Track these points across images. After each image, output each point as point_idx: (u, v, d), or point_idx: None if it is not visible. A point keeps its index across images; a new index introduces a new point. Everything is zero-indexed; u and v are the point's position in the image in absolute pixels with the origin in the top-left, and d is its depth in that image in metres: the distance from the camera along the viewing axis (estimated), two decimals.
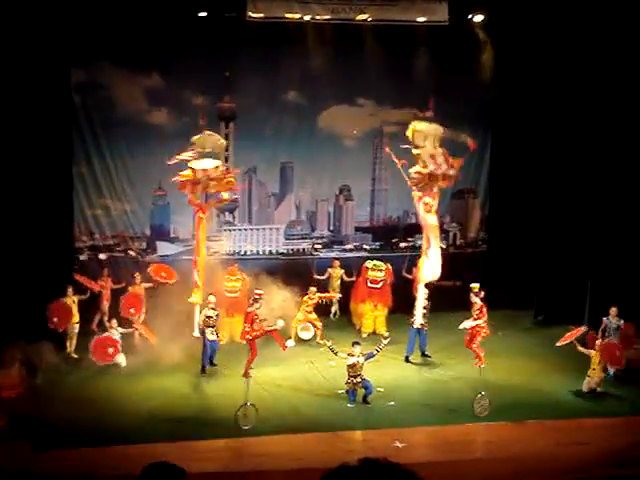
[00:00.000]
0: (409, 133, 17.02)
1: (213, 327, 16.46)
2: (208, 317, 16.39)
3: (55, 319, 16.65)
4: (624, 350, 15.81)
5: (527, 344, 18.46)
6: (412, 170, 17.25)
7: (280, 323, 15.70)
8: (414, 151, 17.33)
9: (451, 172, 17.15)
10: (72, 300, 17.09)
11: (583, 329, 16.01)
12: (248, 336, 15.38)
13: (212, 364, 16.62)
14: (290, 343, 16.41)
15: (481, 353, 15.52)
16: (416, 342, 17.24)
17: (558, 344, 15.87)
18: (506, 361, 17.11)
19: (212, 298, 16.61)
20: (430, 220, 17.52)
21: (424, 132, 17.08)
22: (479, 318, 15.96)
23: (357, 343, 15.08)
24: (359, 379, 14.69)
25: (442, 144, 17.13)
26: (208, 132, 17.06)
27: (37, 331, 16.12)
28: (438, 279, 17.36)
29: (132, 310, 17.59)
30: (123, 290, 18.35)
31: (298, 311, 18.10)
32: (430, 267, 17.38)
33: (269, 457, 12.66)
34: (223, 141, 17.62)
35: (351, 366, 14.69)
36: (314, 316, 18.35)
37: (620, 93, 17.89)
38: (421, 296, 17.12)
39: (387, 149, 17.84)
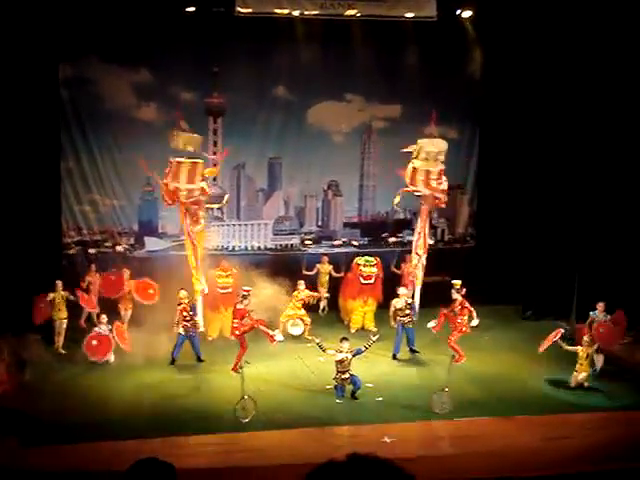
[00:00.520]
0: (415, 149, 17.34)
1: (189, 321, 16.48)
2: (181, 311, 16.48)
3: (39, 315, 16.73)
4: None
5: (515, 339, 18.49)
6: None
7: (279, 337, 15.86)
8: (412, 163, 17.42)
9: (440, 195, 17.42)
10: (61, 295, 17.02)
11: (561, 331, 15.99)
12: (237, 332, 15.42)
13: (199, 360, 16.68)
14: (279, 337, 16.41)
15: (459, 348, 15.71)
16: (402, 339, 17.27)
17: (540, 350, 15.92)
18: (494, 356, 17.19)
19: (183, 293, 16.62)
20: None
21: (425, 148, 17.20)
22: (461, 314, 16.13)
23: (345, 339, 15.10)
24: (347, 375, 14.72)
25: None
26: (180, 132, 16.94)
27: (25, 326, 16.14)
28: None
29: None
30: None
31: (287, 306, 18.10)
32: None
33: (258, 452, 12.65)
34: (197, 136, 17.35)
35: (339, 362, 14.71)
36: (303, 312, 18.35)
37: (607, 90, 17.93)
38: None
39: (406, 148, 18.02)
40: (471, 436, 13.54)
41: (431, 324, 16.92)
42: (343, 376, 14.72)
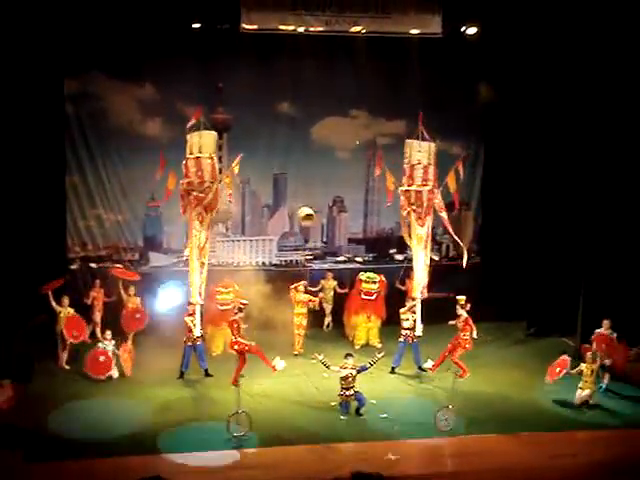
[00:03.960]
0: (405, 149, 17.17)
1: (190, 332, 16.48)
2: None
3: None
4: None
5: (519, 356, 18.49)
6: (400, 188, 17.30)
7: (280, 366, 15.77)
8: (404, 166, 17.36)
9: (433, 191, 17.10)
10: (67, 312, 16.98)
11: (567, 359, 15.92)
12: (236, 346, 15.37)
13: (207, 374, 16.72)
14: (280, 365, 16.19)
15: (462, 363, 15.62)
16: (404, 354, 17.22)
17: (549, 381, 15.81)
18: (498, 373, 17.15)
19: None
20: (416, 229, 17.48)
21: (415, 148, 17.13)
22: (464, 330, 16.07)
23: (350, 355, 15.05)
24: (352, 391, 14.66)
25: (437, 161, 17.21)
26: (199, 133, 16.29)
27: (30, 342, 16.18)
28: (427, 293, 17.34)
29: (137, 315, 17.82)
30: (117, 302, 18.29)
31: (293, 314, 18.22)
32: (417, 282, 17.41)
33: (261, 469, 12.60)
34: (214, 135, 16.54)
35: (344, 378, 14.66)
36: (305, 322, 18.44)
37: (615, 106, 17.94)
38: (417, 309, 17.13)
39: (378, 170, 17.91)
40: (475, 453, 13.47)
41: (427, 365, 16.90)
42: (347, 393, 14.67)
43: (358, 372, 14.69)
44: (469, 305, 16.44)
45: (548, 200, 19.55)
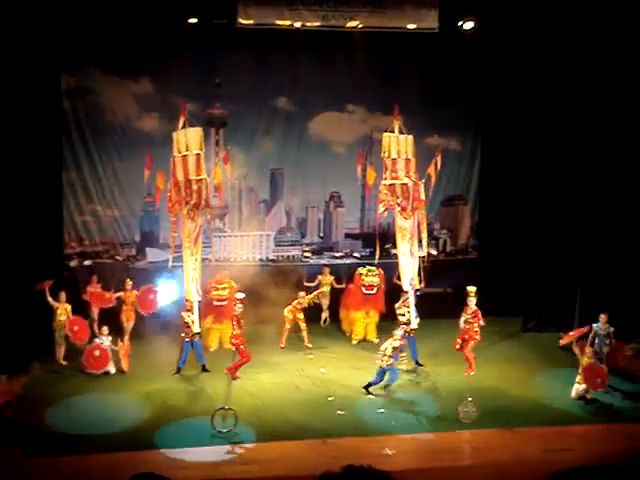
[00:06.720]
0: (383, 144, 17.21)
1: (188, 327, 16.49)
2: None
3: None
4: (607, 372, 15.72)
5: (517, 351, 18.47)
6: (384, 182, 17.35)
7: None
8: (385, 160, 17.37)
9: (418, 184, 17.14)
10: (64, 308, 16.99)
11: (587, 329, 15.93)
12: (234, 340, 15.36)
13: (204, 369, 16.70)
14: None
15: (472, 358, 15.59)
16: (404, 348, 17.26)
17: (562, 342, 15.88)
18: (495, 368, 17.11)
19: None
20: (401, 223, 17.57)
21: (392, 142, 17.15)
22: (474, 322, 16.00)
23: (401, 326, 15.85)
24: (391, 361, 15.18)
25: (415, 154, 17.24)
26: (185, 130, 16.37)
27: (26, 338, 16.16)
28: (419, 285, 17.34)
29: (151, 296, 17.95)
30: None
31: (286, 309, 18.21)
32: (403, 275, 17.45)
33: (258, 464, 12.62)
34: (199, 131, 16.54)
35: (395, 348, 15.27)
36: (301, 316, 18.38)
37: (610, 100, 17.95)
38: (411, 302, 17.14)
39: (359, 167, 18.06)
40: (472, 448, 13.53)
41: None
42: (389, 362, 15.22)
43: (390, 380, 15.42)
44: (477, 298, 16.35)
45: (545, 195, 19.54)
